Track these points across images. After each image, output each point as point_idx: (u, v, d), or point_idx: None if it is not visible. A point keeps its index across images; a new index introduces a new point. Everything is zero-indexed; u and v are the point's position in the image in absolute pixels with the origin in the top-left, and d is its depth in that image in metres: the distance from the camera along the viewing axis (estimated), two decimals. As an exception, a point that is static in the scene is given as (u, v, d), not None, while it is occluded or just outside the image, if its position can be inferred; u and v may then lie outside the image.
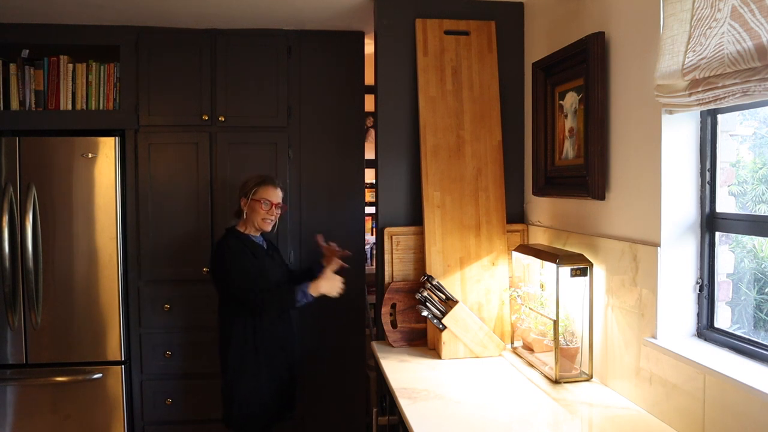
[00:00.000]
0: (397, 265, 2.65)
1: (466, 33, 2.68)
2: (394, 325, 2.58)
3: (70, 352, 3.01)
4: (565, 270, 2.10)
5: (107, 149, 3.02)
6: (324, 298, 2.83)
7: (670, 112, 1.72)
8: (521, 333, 2.47)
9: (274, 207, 2.59)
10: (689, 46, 1.54)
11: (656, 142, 1.77)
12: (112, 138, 3.02)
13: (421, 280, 2.50)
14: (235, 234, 2.59)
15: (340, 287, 2.56)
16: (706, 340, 1.74)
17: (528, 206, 2.76)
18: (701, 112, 1.73)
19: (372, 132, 4.15)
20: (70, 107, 3.07)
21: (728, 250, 1.80)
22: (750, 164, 1.81)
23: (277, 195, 2.61)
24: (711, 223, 1.75)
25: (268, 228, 2.62)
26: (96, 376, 3.02)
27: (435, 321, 2.38)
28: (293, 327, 2.75)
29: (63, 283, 3.01)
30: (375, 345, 2.61)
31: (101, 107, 3.10)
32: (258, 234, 2.65)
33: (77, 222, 3.01)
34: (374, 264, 3.13)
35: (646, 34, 1.81)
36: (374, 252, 3.46)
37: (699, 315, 1.78)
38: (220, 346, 2.61)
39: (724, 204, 1.76)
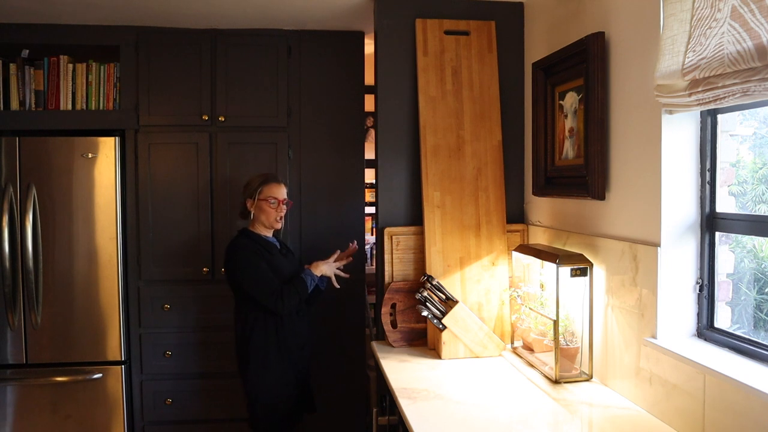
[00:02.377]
0: (397, 265, 2.65)
1: (466, 33, 2.68)
2: (394, 325, 2.58)
3: (70, 352, 3.01)
4: (565, 270, 2.10)
5: (107, 149, 3.02)
6: (324, 299, 2.84)
7: (670, 112, 1.72)
8: (521, 333, 2.47)
9: (281, 203, 2.60)
10: (689, 46, 1.54)
11: (656, 142, 1.77)
12: (112, 138, 3.03)
13: (421, 280, 2.50)
14: (247, 234, 2.59)
15: (336, 272, 2.65)
16: (706, 340, 1.74)
17: (528, 206, 2.76)
18: (701, 112, 1.73)
19: (372, 132, 4.15)
20: (70, 107, 3.07)
21: (728, 250, 1.80)
22: (750, 164, 1.81)
23: (282, 191, 2.62)
24: (711, 223, 1.75)
25: (279, 225, 2.62)
26: (96, 376, 3.02)
27: (435, 321, 2.38)
28: (308, 326, 2.73)
29: (63, 283, 3.01)
30: (375, 345, 2.61)
31: (101, 107, 3.10)
32: (270, 233, 2.65)
33: (77, 222, 3.01)
34: (374, 264, 3.13)
35: (646, 34, 1.81)
36: (374, 252, 3.46)
37: (699, 315, 1.78)
38: (239, 344, 2.58)
39: (724, 204, 1.76)
